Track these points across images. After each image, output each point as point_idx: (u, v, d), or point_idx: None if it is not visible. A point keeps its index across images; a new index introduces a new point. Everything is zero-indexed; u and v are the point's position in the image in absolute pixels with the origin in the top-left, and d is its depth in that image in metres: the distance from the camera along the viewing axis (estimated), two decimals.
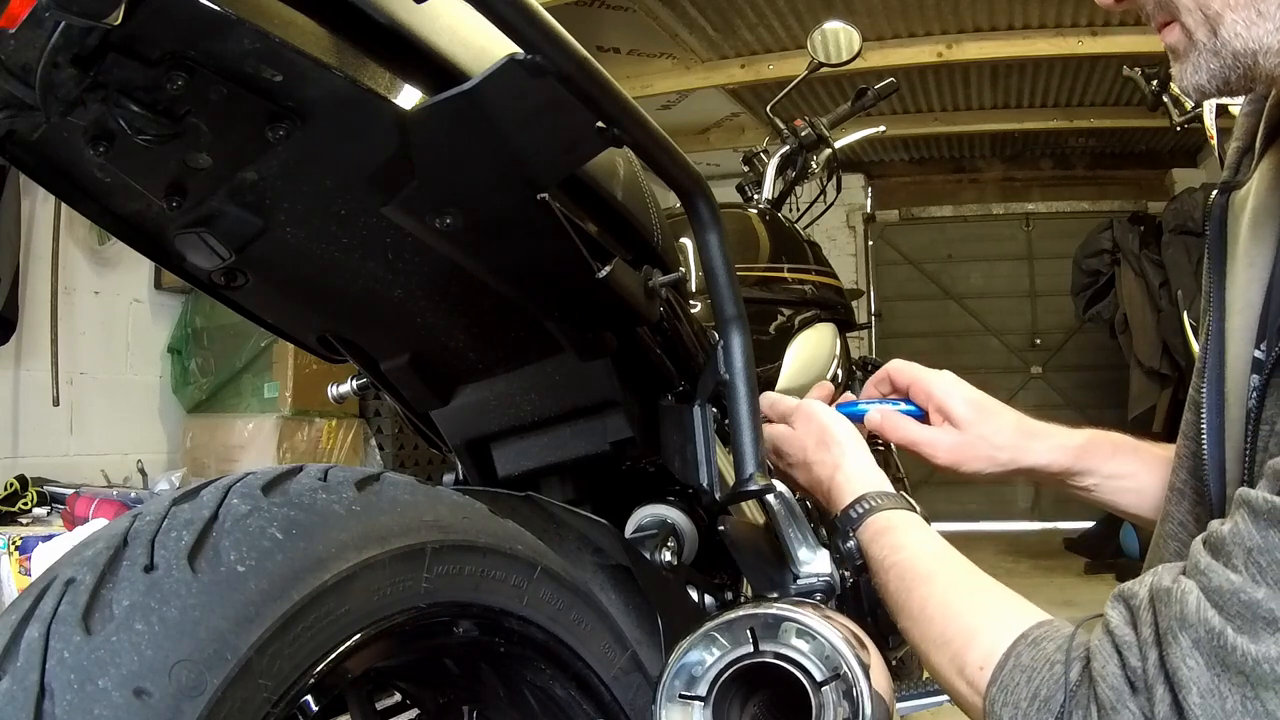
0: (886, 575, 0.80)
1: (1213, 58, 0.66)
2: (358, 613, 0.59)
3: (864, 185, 6.79)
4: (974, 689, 0.67)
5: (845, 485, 0.89)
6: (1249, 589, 0.54)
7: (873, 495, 0.86)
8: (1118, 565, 4.82)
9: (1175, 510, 0.79)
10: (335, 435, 3.72)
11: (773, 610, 0.70)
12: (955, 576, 0.76)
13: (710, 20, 4.39)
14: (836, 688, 0.67)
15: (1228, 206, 0.78)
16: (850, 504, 0.87)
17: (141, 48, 0.56)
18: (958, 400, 0.97)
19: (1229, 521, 0.58)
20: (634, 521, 1.01)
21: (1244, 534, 0.56)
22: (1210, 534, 0.60)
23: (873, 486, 0.88)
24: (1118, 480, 0.96)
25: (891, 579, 0.79)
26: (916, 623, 0.75)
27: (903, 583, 0.77)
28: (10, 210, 3.07)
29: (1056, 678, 0.62)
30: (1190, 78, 0.68)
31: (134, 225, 0.75)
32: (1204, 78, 0.67)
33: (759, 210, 1.87)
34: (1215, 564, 0.57)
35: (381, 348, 0.92)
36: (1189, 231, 4.90)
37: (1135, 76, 2.95)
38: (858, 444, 0.93)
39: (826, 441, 0.92)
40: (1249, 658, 0.53)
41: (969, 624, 0.70)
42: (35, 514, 2.89)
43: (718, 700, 0.69)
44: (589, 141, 0.71)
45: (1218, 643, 0.55)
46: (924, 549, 0.79)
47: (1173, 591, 0.58)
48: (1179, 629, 0.57)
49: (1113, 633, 0.61)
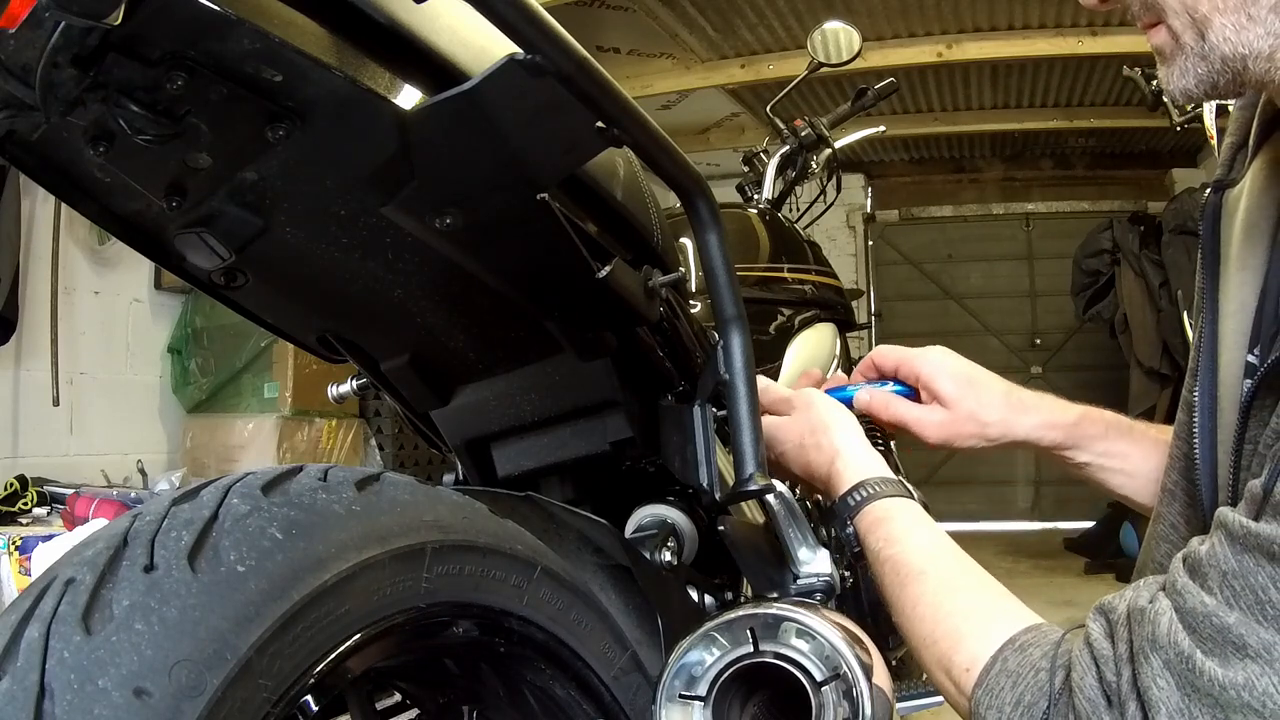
0: (881, 568, 0.80)
1: (1200, 61, 0.65)
2: (358, 613, 0.59)
3: (864, 185, 6.79)
4: (959, 690, 0.68)
5: (844, 472, 0.88)
6: (1221, 613, 0.55)
7: (872, 482, 0.85)
8: (1118, 565, 4.82)
9: (1167, 511, 0.79)
10: (335, 435, 3.72)
11: (773, 610, 0.70)
12: (947, 575, 0.76)
13: (710, 20, 4.39)
14: (836, 688, 0.67)
15: (1221, 205, 0.77)
16: (848, 490, 0.86)
17: (141, 48, 0.56)
18: (944, 378, 0.97)
19: (1208, 541, 0.59)
20: (634, 521, 1.01)
21: (1220, 557, 0.56)
22: (1190, 553, 0.60)
23: (872, 473, 0.87)
24: (1108, 460, 0.96)
25: (886, 572, 0.79)
26: (908, 620, 0.75)
27: (896, 577, 0.77)
28: (10, 210, 3.07)
29: (1041, 684, 0.63)
30: (1177, 81, 0.67)
31: (134, 225, 0.75)
32: (1191, 82, 0.66)
33: (759, 210, 1.87)
34: (1192, 585, 0.57)
35: (381, 348, 0.92)
36: (1189, 231, 4.90)
37: (1135, 76, 2.95)
38: (855, 430, 0.92)
39: (823, 428, 0.92)
40: (1217, 682, 0.54)
41: (957, 626, 0.70)
42: (35, 514, 2.89)
43: (718, 700, 0.70)
44: (589, 141, 0.71)
45: (1187, 666, 0.55)
46: (918, 543, 0.79)
47: (1147, 611, 0.59)
48: (1150, 650, 0.57)
49: (1092, 645, 0.61)
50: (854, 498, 0.85)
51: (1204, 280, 0.77)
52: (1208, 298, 0.76)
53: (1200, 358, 0.75)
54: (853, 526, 0.84)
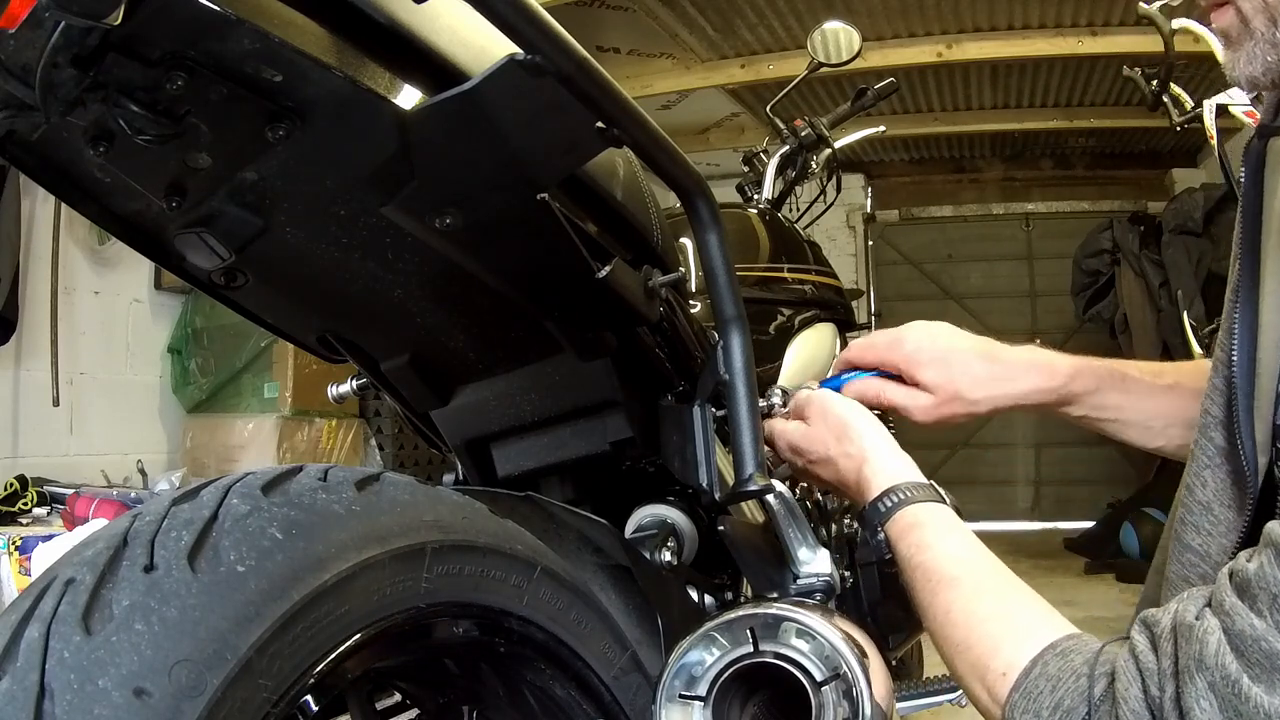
0: (913, 574, 0.78)
1: (1270, 49, 0.61)
2: (358, 613, 0.59)
3: (864, 185, 6.79)
4: (993, 696, 0.66)
5: (873, 478, 0.86)
6: (1271, 638, 0.53)
7: (903, 487, 0.83)
8: (1117, 565, 4.82)
9: (1196, 482, 0.73)
10: (335, 435, 3.72)
11: (772, 610, 0.70)
12: (981, 582, 0.74)
13: (710, 20, 4.39)
14: (836, 687, 0.67)
15: (1266, 153, 0.71)
16: (879, 496, 0.84)
17: (141, 48, 0.56)
18: (922, 368, 0.96)
19: (1256, 559, 0.57)
20: (634, 521, 1.01)
21: (1270, 578, 0.54)
22: (1238, 569, 0.58)
23: (903, 477, 0.85)
24: (1103, 413, 0.96)
25: (918, 579, 0.77)
26: (940, 626, 0.73)
27: (928, 584, 0.76)
28: (10, 210, 3.07)
29: (1081, 690, 0.62)
30: (1243, 68, 0.63)
31: (134, 225, 0.75)
32: (1258, 69, 0.62)
33: (759, 210, 1.87)
34: (1240, 606, 0.55)
35: (381, 348, 0.92)
36: (1189, 231, 4.91)
37: (1135, 76, 2.95)
38: (880, 432, 0.90)
39: (848, 434, 0.90)
40: (1263, 709, 0.52)
41: (993, 631, 0.69)
42: (35, 514, 2.89)
43: (717, 700, 0.69)
44: (589, 142, 0.71)
45: (1233, 690, 0.54)
46: (950, 550, 0.77)
47: (1195, 629, 0.57)
48: (1196, 669, 0.56)
49: (1137, 657, 0.60)
50: (885, 503, 0.83)
51: (1242, 235, 0.71)
52: (1246, 255, 0.70)
53: (1238, 317, 0.69)
54: (884, 533, 0.82)
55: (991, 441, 6.57)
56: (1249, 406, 0.67)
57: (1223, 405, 0.71)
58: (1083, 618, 3.95)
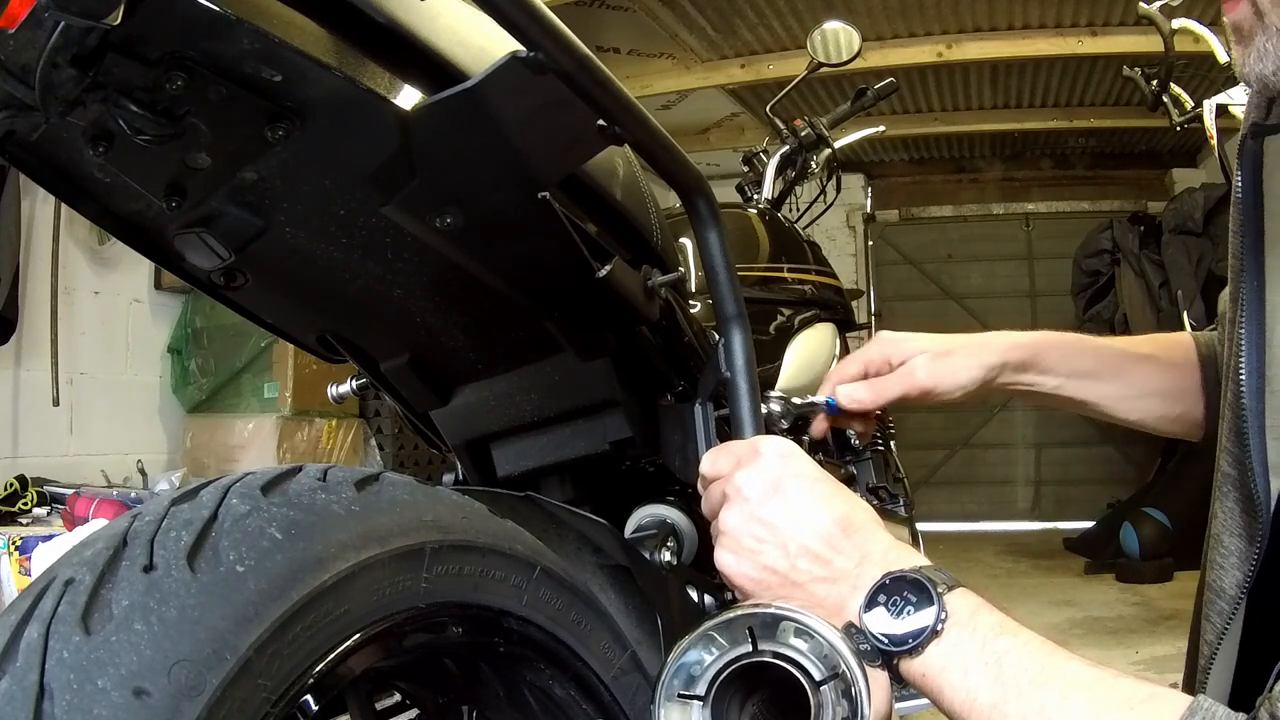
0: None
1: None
2: (357, 613, 0.59)
3: (864, 185, 6.80)
4: None
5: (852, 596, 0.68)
6: None
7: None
8: (1117, 565, 4.82)
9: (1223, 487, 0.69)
10: (335, 435, 3.73)
11: (771, 609, 0.70)
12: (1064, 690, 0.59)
13: (710, 20, 4.39)
14: (835, 687, 0.67)
15: (1262, 153, 0.68)
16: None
17: (141, 48, 0.56)
18: (917, 377, 0.97)
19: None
20: (634, 521, 1.01)
21: None
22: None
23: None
24: (1047, 383, 0.97)
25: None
26: None
27: None
28: (10, 210, 3.07)
29: None
30: (1254, 65, 0.59)
31: (134, 225, 0.75)
32: (1270, 66, 0.59)
33: (759, 210, 1.87)
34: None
35: (381, 348, 0.92)
36: (1189, 231, 4.91)
37: (1135, 76, 2.95)
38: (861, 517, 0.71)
39: (809, 544, 0.70)
40: None
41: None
42: (35, 514, 2.89)
43: (716, 700, 0.69)
44: (590, 140, 0.71)
45: None
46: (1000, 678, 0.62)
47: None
48: None
49: None
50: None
51: (1242, 240, 0.67)
52: (1250, 260, 0.65)
53: (1244, 332, 0.64)
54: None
55: (991, 441, 6.57)
56: (1260, 427, 0.62)
57: (1230, 426, 0.66)
58: (1083, 618, 3.95)
